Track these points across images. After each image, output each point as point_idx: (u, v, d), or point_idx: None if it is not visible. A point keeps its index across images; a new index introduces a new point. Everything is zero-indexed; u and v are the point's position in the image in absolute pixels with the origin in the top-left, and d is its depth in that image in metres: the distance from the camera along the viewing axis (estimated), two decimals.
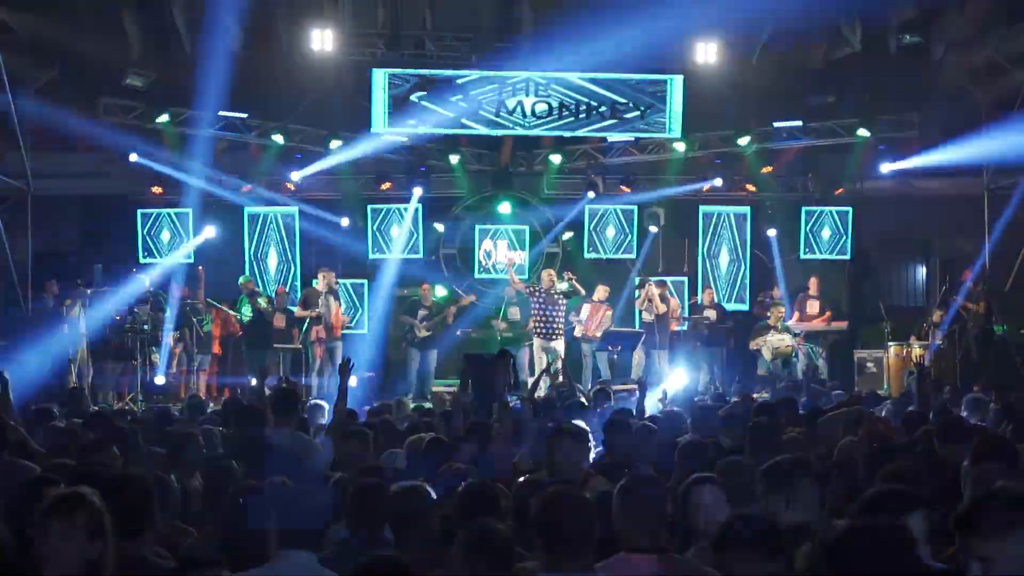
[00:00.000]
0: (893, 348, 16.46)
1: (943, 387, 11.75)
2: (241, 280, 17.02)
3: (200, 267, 17.25)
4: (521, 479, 4.94)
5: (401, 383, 17.01)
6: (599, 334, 16.73)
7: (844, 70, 18.22)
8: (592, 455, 6.76)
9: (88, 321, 15.87)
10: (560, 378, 13.79)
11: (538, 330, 16.16)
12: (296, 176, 18.06)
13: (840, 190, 18.69)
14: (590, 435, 6.46)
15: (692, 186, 18.77)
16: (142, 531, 4.11)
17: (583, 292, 16.47)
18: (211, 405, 12.76)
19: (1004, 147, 16.17)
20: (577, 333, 16.76)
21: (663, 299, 16.82)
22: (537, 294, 16.17)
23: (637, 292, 17.37)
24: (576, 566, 3.85)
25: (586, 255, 18.56)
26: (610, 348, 16.54)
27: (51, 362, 15.44)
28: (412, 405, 12.63)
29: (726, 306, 18.08)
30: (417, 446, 6.94)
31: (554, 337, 16.08)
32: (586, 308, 16.91)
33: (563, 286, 16.27)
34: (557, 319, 16.13)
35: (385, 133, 17.57)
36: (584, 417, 7.94)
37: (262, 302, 16.37)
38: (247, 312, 16.43)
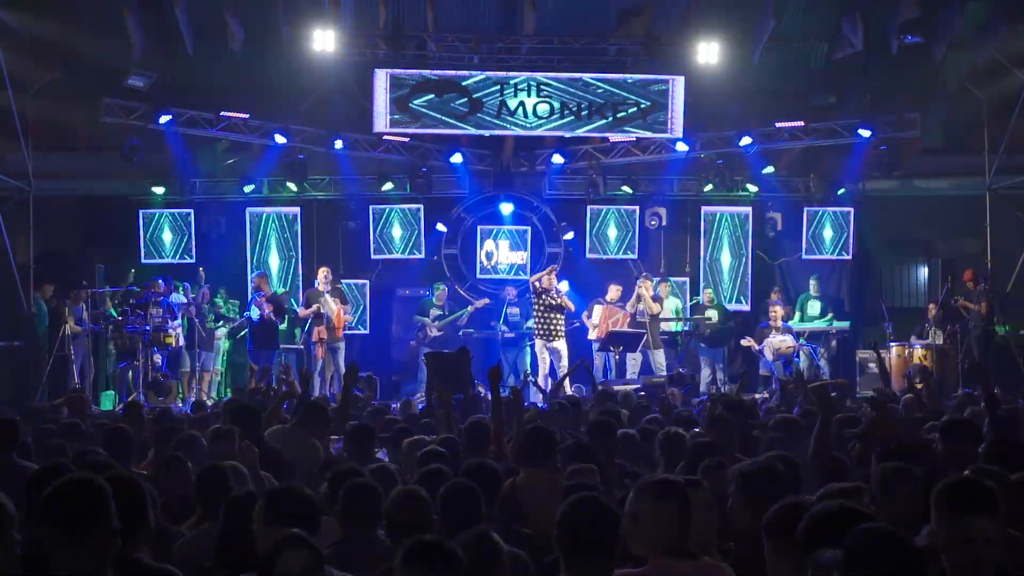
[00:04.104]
0: (895, 348, 16.45)
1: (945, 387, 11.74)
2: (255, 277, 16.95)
3: (200, 268, 17.26)
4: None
5: (407, 383, 16.99)
6: None
7: (845, 70, 18.23)
8: None
9: (89, 322, 15.90)
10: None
11: (539, 331, 16.16)
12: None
13: (842, 190, 18.69)
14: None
15: (693, 186, 18.80)
16: (133, 533, 4.10)
17: (572, 307, 16.42)
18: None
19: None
20: (592, 336, 16.75)
21: (656, 299, 16.79)
22: (541, 295, 16.16)
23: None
24: (595, 573, 3.84)
25: (587, 255, 18.56)
26: (611, 348, 16.53)
27: (52, 363, 15.50)
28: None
29: (728, 306, 18.07)
30: (414, 448, 6.95)
31: (554, 338, 16.07)
32: (598, 310, 16.89)
33: (558, 293, 16.22)
34: (556, 321, 16.12)
35: (387, 133, 17.57)
36: None
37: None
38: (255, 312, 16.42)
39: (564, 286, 16.66)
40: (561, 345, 16.08)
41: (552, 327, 16.06)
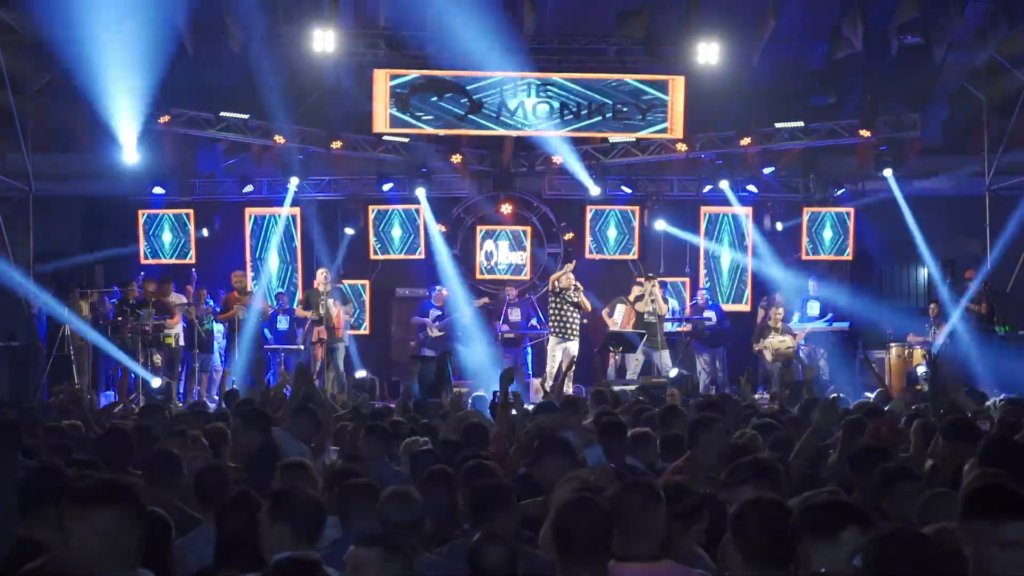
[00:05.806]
0: (894, 349, 16.44)
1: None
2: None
3: (193, 269, 17.24)
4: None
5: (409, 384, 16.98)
6: None
7: (845, 71, 18.22)
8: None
9: (89, 322, 15.89)
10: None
11: (555, 329, 16.14)
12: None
13: (842, 190, 18.69)
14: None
15: (693, 186, 18.80)
16: None
17: (588, 307, 16.44)
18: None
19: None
20: None
21: (664, 299, 16.83)
22: (558, 294, 16.15)
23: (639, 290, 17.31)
24: (590, 572, 3.86)
25: (587, 256, 18.55)
26: (610, 349, 16.52)
27: (52, 363, 15.49)
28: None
29: (723, 307, 18.03)
30: (412, 449, 6.94)
31: (569, 338, 16.06)
32: (621, 309, 16.87)
33: (577, 290, 16.25)
34: (573, 320, 16.11)
35: (386, 134, 17.56)
36: None
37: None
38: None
39: None
40: (574, 347, 16.06)
41: (568, 325, 16.05)
